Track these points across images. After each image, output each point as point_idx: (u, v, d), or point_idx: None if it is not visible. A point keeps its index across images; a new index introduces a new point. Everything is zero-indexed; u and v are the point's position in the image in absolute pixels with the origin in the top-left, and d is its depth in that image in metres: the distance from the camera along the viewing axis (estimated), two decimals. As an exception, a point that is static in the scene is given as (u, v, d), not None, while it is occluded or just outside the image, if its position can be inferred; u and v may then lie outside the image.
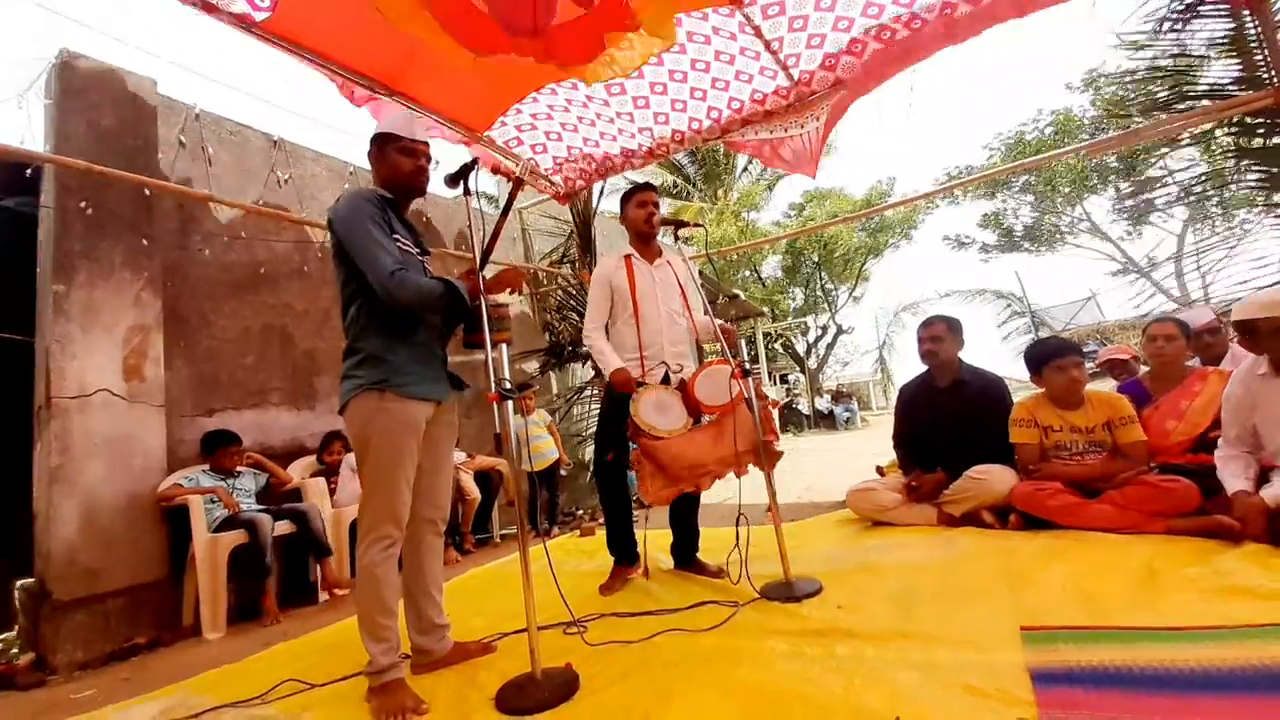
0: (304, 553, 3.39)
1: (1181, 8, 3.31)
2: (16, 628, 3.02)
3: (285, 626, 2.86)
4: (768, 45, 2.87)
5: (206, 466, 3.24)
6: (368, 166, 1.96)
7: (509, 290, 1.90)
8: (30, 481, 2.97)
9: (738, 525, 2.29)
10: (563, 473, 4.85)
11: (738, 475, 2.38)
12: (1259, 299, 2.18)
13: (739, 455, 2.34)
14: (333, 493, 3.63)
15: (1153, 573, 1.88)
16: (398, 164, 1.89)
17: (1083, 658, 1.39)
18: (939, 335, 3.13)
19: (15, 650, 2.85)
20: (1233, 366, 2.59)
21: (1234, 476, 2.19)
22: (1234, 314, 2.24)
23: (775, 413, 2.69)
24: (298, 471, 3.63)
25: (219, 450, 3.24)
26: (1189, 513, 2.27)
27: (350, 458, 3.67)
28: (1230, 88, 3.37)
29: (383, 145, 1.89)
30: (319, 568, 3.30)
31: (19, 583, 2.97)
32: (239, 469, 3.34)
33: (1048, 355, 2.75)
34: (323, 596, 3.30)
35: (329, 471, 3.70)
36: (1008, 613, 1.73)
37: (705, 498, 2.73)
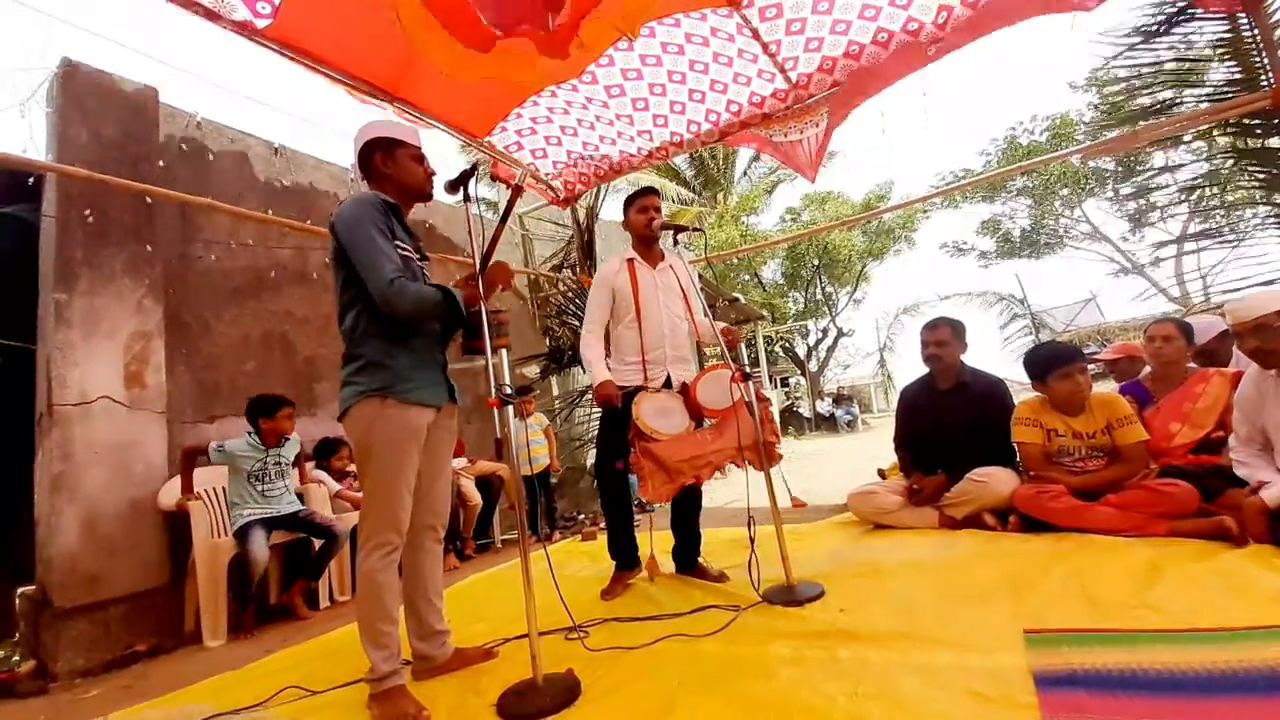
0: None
1: (1175, 10, 3.32)
2: (17, 635, 3.01)
3: (285, 633, 2.85)
4: (765, 48, 2.88)
5: (250, 432, 3.17)
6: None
7: (500, 288, 1.91)
8: (31, 489, 2.97)
9: (749, 527, 2.29)
10: (553, 480, 4.82)
11: (738, 466, 2.36)
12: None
13: (740, 449, 2.32)
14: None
15: (1156, 575, 1.87)
16: (413, 171, 1.90)
17: (1086, 660, 1.39)
18: (944, 340, 3.09)
19: (16, 658, 2.85)
20: (1236, 369, 2.58)
21: (1268, 472, 2.16)
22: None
23: (776, 414, 2.70)
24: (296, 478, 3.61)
25: (275, 415, 3.12)
26: (1189, 515, 2.27)
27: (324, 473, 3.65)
28: (1228, 89, 3.38)
29: (392, 150, 1.88)
30: (305, 583, 3.21)
31: (20, 590, 2.96)
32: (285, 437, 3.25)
33: (1051, 363, 2.66)
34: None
35: (334, 477, 3.67)
36: (1010, 616, 1.72)
37: (707, 501, 2.73)
